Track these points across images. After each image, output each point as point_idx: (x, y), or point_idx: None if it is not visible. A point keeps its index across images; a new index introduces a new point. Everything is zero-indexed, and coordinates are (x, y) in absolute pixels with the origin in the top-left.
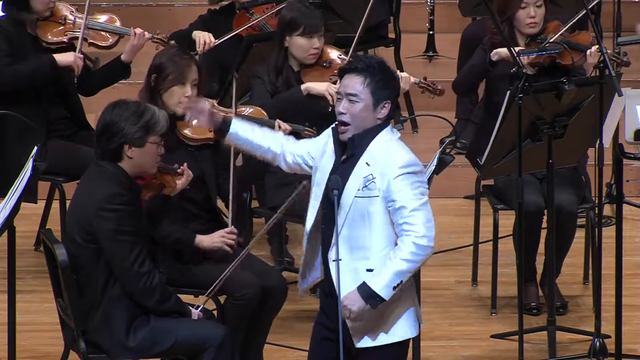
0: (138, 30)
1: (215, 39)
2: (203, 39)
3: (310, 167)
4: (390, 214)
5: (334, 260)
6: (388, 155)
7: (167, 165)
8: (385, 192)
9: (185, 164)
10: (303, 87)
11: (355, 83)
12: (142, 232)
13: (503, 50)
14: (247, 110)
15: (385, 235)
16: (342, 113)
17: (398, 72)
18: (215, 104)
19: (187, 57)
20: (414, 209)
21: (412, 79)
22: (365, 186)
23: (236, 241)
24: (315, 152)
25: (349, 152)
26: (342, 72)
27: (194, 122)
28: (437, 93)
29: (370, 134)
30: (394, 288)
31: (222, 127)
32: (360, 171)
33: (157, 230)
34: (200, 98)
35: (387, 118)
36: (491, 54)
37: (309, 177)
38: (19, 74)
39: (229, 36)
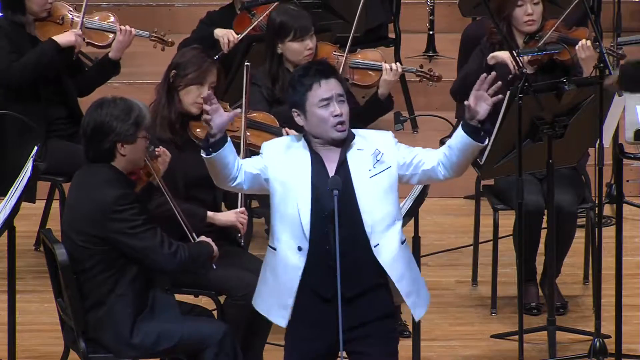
0: (124, 27)
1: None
2: (226, 37)
3: (267, 180)
4: (411, 169)
5: (330, 263)
6: (371, 135)
7: (148, 152)
8: (398, 158)
9: (160, 146)
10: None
11: (338, 84)
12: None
13: (500, 54)
14: (257, 115)
15: (397, 200)
16: (341, 114)
17: (384, 63)
18: (228, 107)
19: (210, 60)
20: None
21: (400, 69)
22: (377, 161)
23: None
24: (269, 161)
25: (342, 155)
26: (321, 76)
27: (208, 119)
28: (434, 80)
29: None
30: None
31: (220, 138)
32: (357, 158)
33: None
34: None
35: None
36: (488, 58)
37: None
38: (26, 66)
39: (248, 30)
